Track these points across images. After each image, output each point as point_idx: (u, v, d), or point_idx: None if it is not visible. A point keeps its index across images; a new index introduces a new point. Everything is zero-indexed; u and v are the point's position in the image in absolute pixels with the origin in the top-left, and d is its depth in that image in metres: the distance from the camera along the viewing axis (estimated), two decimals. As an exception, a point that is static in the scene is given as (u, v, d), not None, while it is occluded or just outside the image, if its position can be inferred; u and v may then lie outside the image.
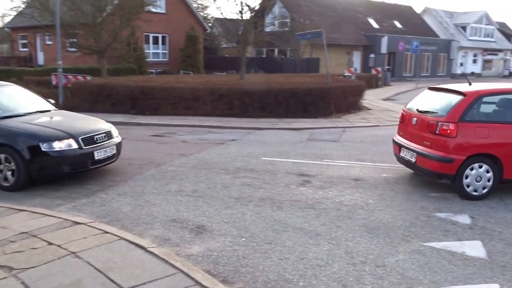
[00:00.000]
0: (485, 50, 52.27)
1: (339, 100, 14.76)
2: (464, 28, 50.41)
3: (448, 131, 6.06)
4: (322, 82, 16.42)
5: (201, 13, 34.97)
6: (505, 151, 6.09)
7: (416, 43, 29.86)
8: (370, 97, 20.18)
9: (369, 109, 16.59)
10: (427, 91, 7.30)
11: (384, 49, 36.23)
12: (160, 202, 5.79)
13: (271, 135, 11.20)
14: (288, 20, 30.95)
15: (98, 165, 6.74)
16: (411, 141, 6.74)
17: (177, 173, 7.25)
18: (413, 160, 6.52)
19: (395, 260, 4.23)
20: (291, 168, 7.69)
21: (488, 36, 52.90)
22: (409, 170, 7.43)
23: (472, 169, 6.05)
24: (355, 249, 4.47)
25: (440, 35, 46.94)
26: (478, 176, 6.08)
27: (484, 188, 6.12)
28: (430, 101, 6.96)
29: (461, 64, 49.17)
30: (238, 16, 19.12)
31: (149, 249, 4.18)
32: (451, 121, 6.08)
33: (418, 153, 6.40)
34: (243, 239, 4.68)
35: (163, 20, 27.27)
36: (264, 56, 32.73)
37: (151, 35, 27.64)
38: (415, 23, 44.81)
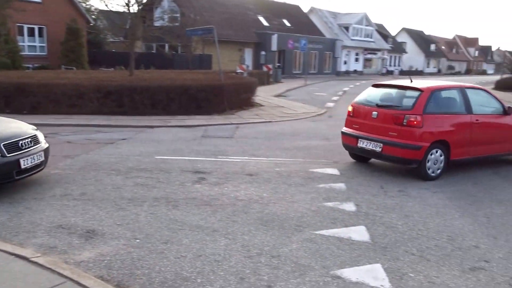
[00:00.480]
0: (366, 49, 56.90)
1: (232, 97, 15.04)
2: (347, 28, 54.32)
3: (415, 122, 7.06)
4: (215, 78, 16.57)
5: (83, 4, 33.08)
6: (452, 137, 7.40)
7: (304, 42, 31.48)
8: (262, 94, 20.87)
9: (261, 105, 17.16)
10: (372, 88, 8.38)
11: (274, 46, 37.69)
12: (44, 208, 5.42)
13: (164, 133, 11.05)
14: (178, 15, 30.65)
15: (25, 175, 6.02)
16: (372, 133, 7.57)
17: (62, 176, 6.84)
18: (379, 149, 7.39)
19: (289, 249, 4.48)
20: (186, 166, 7.69)
21: (368, 37, 57.64)
22: (299, 164, 7.93)
23: (431, 154, 7.22)
24: (251, 242, 4.65)
25: (325, 34, 50.02)
26: (436, 159, 7.29)
27: (438, 169, 7.35)
28: (385, 96, 8.00)
29: (345, 62, 52.96)
30: (124, 9, 18.46)
31: (32, 259, 3.91)
32: (417, 113, 7.11)
33: (385, 143, 7.28)
34: (138, 240, 4.60)
35: (40, 10, 25.25)
36: (154, 51, 32.06)
37: (25, 26, 25.44)
38: (302, 22, 47.20)
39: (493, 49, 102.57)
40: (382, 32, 64.93)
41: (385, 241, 4.78)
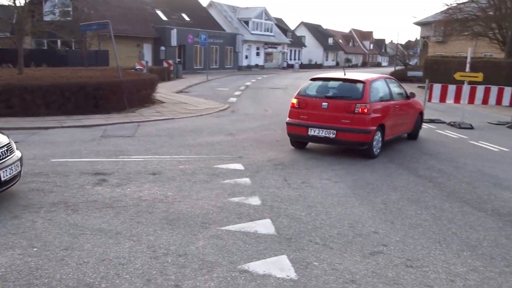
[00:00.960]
0: (266, 43, 58.35)
1: (132, 94, 14.60)
2: (246, 22, 55.22)
3: (366, 110, 8.35)
4: (113, 75, 15.96)
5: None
6: (386, 121, 8.91)
7: (204, 36, 31.43)
8: (164, 90, 20.52)
9: (163, 102, 16.87)
10: (311, 82, 9.51)
11: (174, 41, 37.16)
12: None
13: (60, 134, 10.42)
14: (70, 9, 28.96)
15: (5, 187, 5.52)
16: (324, 122, 8.60)
17: None
18: (332, 136, 8.51)
19: (196, 247, 4.48)
20: (85, 168, 7.34)
21: (268, 31, 59.13)
22: (204, 161, 7.96)
23: (376, 136, 8.56)
24: (156, 242, 4.57)
25: (225, 28, 50.40)
26: (378, 140, 8.72)
27: (378, 149, 8.83)
28: (331, 88, 9.19)
29: (246, 57, 53.83)
30: (10, 2, 17.16)
31: None
32: (366, 102, 8.41)
33: (339, 130, 8.43)
34: (35, 249, 4.32)
35: None
36: (45, 48, 29.95)
37: None
38: (202, 16, 47.07)
39: (387, 42, 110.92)
40: (282, 26, 67.03)
41: (290, 232, 4.97)
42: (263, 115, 15.11)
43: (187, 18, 43.69)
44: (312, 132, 8.71)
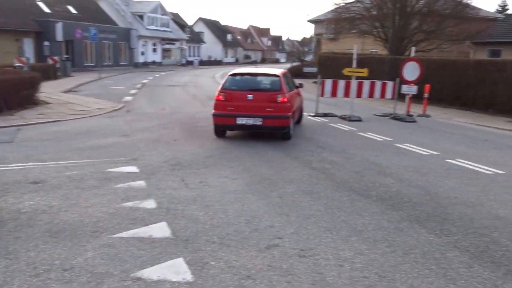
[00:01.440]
0: (163, 39, 57.27)
1: (10, 95, 13.51)
2: (141, 17, 53.71)
3: (285, 99, 9.99)
4: (-14, 74, 14.60)
5: None
6: (294, 108, 10.75)
7: (95, 31, 30.03)
8: (49, 90, 19.27)
9: (48, 103, 15.83)
10: (231, 77, 10.52)
11: (59, 36, 34.87)
12: None
13: None
14: None
15: None
16: (250, 112, 9.86)
17: None
18: (259, 123, 9.85)
19: (84, 259, 4.27)
20: (-49, 181, 6.62)
21: (164, 26, 58.06)
22: (94, 165, 7.63)
23: (291, 120, 10.40)
24: (38, 258, 4.27)
25: (118, 23, 48.56)
26: (292, 123, 10.62)
27: (292, 131, 10.57)
28: (253, 82, 10.64)
29: (142, 53, 52.40)
30: None
31: None
32: (285, 92, 10.08)
33: (265, 117, 9.84)
34: None
35: None
36: None
37: None
38: (91, 9, 44.81)
39: (284, 39, 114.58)
40: (179, 21, 66.23)
41: (186, 234, 4.94)
42: (161, 114, 14.84)
43: (74, 11, 41.28)
44: (241, 121, 9.94)
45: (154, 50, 55.98)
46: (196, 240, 4.78)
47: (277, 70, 11.13)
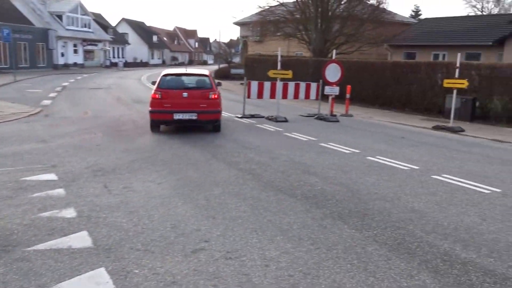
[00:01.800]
0: (85, 40, 54.99)
1: None
2: (60, 17, 51.24)
3: (216, 96, 11.34)
4: None
5: None
6: (221, 103, 11.86)
7: (8, 31, 28.21)
8: (-43, 94, 17.83)
9: (-44, 108, 14.62)
10: (164, 77, 11.54)
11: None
12: None
13: None
14: None
15: None
16: (186, 108, 10.98)
17: None
18: (194, 117, 11.02)
19: (-6, 275, 3.97)
20: None
21: (85, 27, 55.80)
22: (8, 174, 7.16)
23: (221, 114, 11.88)
24: None
25: (35, 23, 45.97)
26: (221, 118, 12.07)
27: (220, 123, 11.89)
28: (186, 81, 11.87)
29: (62, 55, 50.02)
30: None
31: None
32: (215, 90, 11.47)
33: (199, 112, 11.02)
34: None
35: None
36: None
37: None
38: (3, 8, 42.04)
39: (211, 40, 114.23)
40: (102, 22, 63.92)
41: (109, 242, 4.74)
42: (83, 118, 14.22)
43: (-15, 11, 38.56)
44: (177, 116, 11.03)
45: (75, 52, 53.57)
46: (119, 248, 4.60)
47: (204, 70, 12.50)
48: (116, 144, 9.96)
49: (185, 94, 11.19)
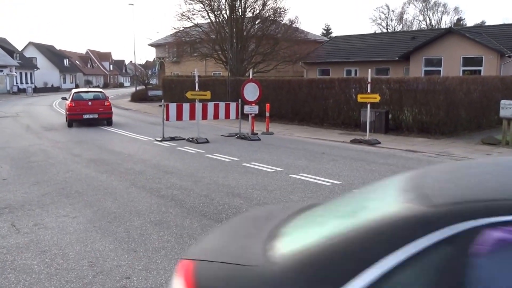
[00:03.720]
0: (-12, 66, 51.40)
1: None
2: (-41, 42, 47.55)
3: (108, 103, 19.72)
4: None
5: None
6: None
7: None
8: None
9: None
10: (75, 93, 19.93)
11: None
12: None
13: None
14: None
15: None
16: (91, 111, 18.71)
17: None
18: (96, 117, 18.78)
19: None
20: None
21: (-11, 52, 52.23)
22: None
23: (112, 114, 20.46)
24: None
25: None
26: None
27: None
28: (90, 95, 19.88)
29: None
30: None
31: None
32: (108, 100, 20.03)
33: (99, 113, 19.01)
34: None
35: None
36: None
37: None
38: None
39: (126, 62, 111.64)
40: (6, 46, 60.34)
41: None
42: (-14, 150, 13.08)
43: None
44: (86, 116, 18.76)
45: (-22, 78, 49.87)
46: (29, 295, 4.17)
47: (100, 89, 19.99)
48: (25, 177, 9.22)
49: (90, 103, 19.32)
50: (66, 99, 20.92)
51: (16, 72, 59.52)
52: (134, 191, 8.06)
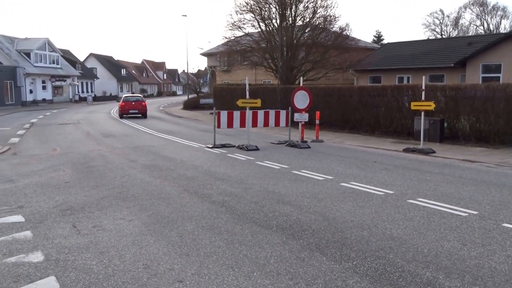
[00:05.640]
0: (53, 76, 54.28)
1: None
2: (28, 54, 50.63)
3: (144, 104, 31.56)
4: None
5: None
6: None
7: (-27, 70, 27.55)
8: None
9: None
10: (125, 97, 33.08)
11: None
12: None
13: None
14: None
15: None
16: (134, 108, 30.74)
17: None
18: (137, 112, 30.73)
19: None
20: None
21: (54, 63, 55.19)
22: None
23: (147, 111, 33.04)
24: None
25: (2, 61, 45.27)
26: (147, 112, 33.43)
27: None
28: (133, 98, 32.77)
29: (31, 91, 49.09)
30: None
31: None
32: (144, 102, 32.15)
33: (139, 110, 30.80)
34: None
35: None
36: None
37: None
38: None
39: (179, 71, 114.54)
40: (69, 58, 63.42)
41: (78, 287, 4.45)
42: (51, 155, 13.76)
43: None
44: (131, 111, 30.33)
45: (44, 88, 52.73)
46: (88, 294, 4.32)
47: (139, 94, 30.82)
48: (85, 181, 9.62)
49: (133, 103, 30.63)
50: (119, 101, 35.15)
51: (77, 82, 62.42)
52: (186, 196, 8.21)
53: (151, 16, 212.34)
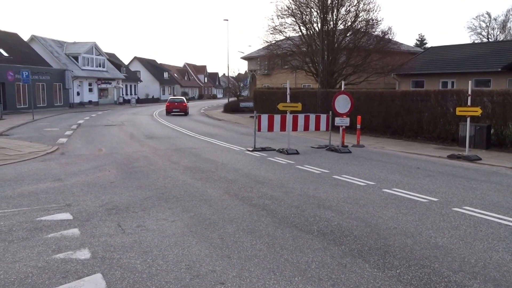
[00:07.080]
0: (99, 79, 55.97)
1: None
2: (76, 58, 52.40)
3: (185, 104, 39.46)
4: None
5: None
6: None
7: (27, 73, 28.81)
8: (-24, 135, 18.00)
9: (-26, 149, 14.69)
10: (170, 98, 42.39)
11: (-11, 79, 33.15)
12: None
13: None
14: None
15: None
16: (177, 108, 38.56)
17: None
18: (179, 111, 38.44)
19: (5, 325, 3.79)
20: None
21: (100, 66, 56.90)
22: (24, 214, 7.01)
23: (188, 110, 41.49)
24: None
25: (52, 64, 47.03)
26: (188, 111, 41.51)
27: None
28: (176, 100, 40.78)
29: (78, 93, 50.81)
30: None
31: None
32: (186, 103, 40.07)
33: (181, 109, 38.66)
34: None
35: None
36: None
37: None
38: (23, 52, 43.17)
39: (220, 75, 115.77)
40: (115, 61, 65.23)
41: (123, 285, 4.54)
42: (97, 155, 14.19)
43: (5, 54, 39.52)
44: (174, 110, 38.12)
45: (90, 90, 54.48)
46: (133, 292, 4.40)
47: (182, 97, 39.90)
48: (129, 181, 9.85)
49: (176, 103, 38.90)
50: (166, 102, 41.92)
51: (122, 85, 64.16)
52: (227, 198, 8.25)
53: (194, 20, 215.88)
